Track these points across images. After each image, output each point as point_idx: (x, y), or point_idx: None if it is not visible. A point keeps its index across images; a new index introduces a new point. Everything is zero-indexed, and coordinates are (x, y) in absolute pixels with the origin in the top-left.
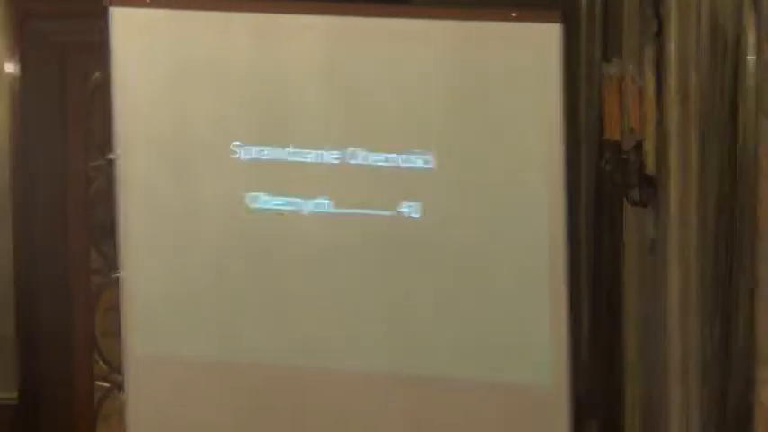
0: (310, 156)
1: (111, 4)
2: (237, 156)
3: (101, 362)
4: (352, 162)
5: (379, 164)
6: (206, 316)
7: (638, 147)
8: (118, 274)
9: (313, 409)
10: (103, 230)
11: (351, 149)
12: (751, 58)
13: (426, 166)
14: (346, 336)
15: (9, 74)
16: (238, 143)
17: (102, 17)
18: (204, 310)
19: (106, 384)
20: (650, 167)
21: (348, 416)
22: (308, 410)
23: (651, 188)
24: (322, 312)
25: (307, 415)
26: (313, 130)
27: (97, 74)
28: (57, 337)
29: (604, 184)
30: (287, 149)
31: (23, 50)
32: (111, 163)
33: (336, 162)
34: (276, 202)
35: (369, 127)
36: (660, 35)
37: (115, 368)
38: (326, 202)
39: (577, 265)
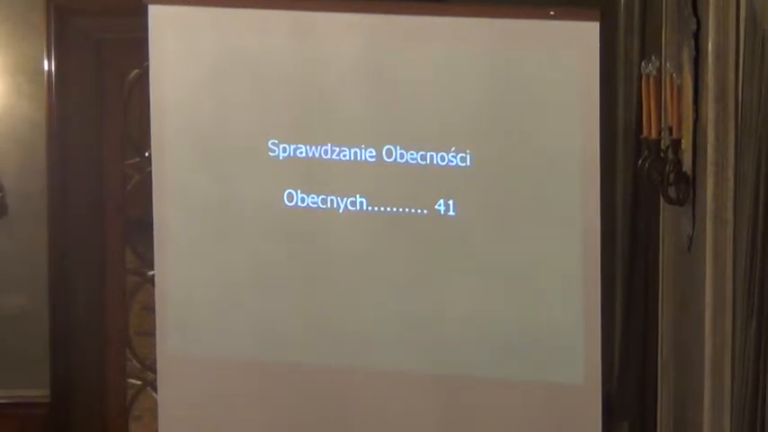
0: (347, 154)
1: (149, 2)
2: (275, 154)
3: (133, 360)
4: (389, 160)
5: (415, 162)
6: (241, 315)
7: (676, 145)
8: (153, 273)
9: (348, 409)
10: (139, 229)
11: (387, 147)
12: None
13: (463, 165)
14: (381, 334)
15: (46, 71)
16: (275, 141)
17: (141, 14)
18: (239, 309)
19: (138, 382)
20: (687, 166)
21: (382, 414)
22: (343, 410)
23: (688, 186)
24: (357, 310)
25: (341, 414)
26: (350, 129)
27: (135, 71)
28: (89, 336)
29: (641, 183)
30: (324, 147)
31: (60, 47)
32: (147, 161)
33: (373, 160)
34: (312, 201)
35: (405, 125)
36: (698, 33)
37: (147, 366)
38: (362, 200)
39: (612, 264)
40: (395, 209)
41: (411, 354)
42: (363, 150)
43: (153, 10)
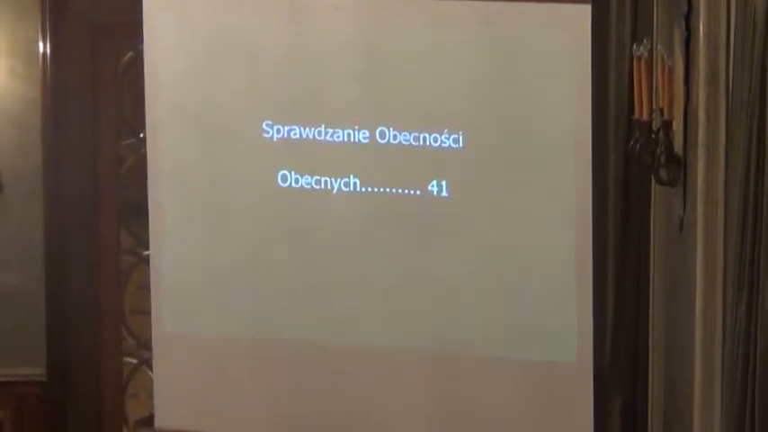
0: (340, 135)
1: None
2: (269, 135)
3: (129, 338)
4: (382, 141)
5: (408, 143)
6: (235, 294)
7: (667, 126)
8: (148, 253)
9: (344, 385)
10: (134, 209)
11: (381, 129)
12: None
13: (455, 146)
14: (374, 313)
15: (41, 53)
16: (270, 122)
17: None
18: (234, 288)
19: (134, 361)
20: (678, 147)
21: (377, 391)
22: (339, 386)
23: (679, 167)
24: (351, 290)
25: (335, 391)
26: (343, 110)
27: (130, 53)
28: (85, 315)
29: (633, 164)
30: (318, 129)
31: (55, 29)
32: (142, 142)
33: (366, 141)
34: (306, 181)
35: (399, 106)
36: (689, 15)
37: (143, 344)
38: (356, 181)
39: (604, 244)
40: (388, 189)
41: (405, 332)
42: (357, 131)
43: None
